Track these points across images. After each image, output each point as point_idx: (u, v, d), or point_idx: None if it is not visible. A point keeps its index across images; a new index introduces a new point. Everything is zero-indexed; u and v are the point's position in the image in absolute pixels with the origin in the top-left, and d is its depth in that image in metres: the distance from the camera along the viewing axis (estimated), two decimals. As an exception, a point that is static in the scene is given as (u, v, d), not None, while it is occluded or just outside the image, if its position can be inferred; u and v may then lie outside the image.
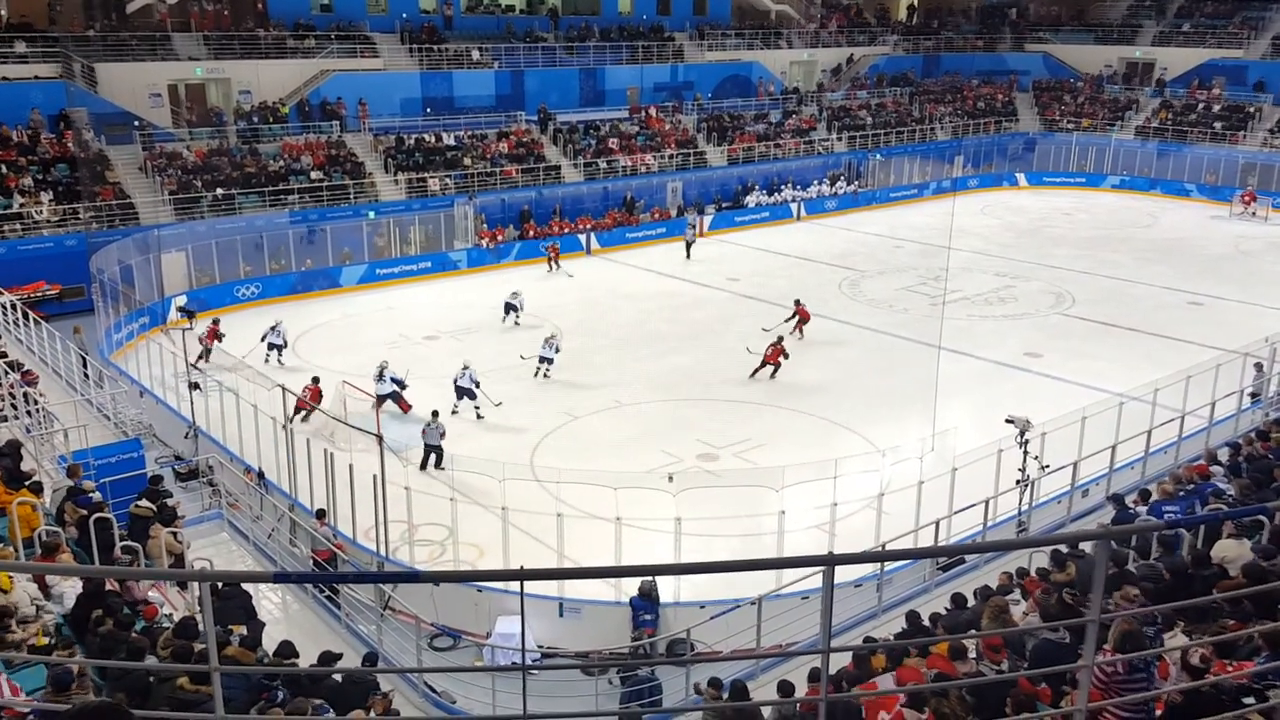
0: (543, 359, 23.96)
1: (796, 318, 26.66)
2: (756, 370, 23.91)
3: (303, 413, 20.23)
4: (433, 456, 19.24)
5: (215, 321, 25.34)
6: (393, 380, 21.65)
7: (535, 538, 15.20)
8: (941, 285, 30.42)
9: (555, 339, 24.13)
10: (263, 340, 25.26)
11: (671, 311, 29.82)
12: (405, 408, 21.58)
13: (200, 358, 23.45)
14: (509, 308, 28.61)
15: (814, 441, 19.94)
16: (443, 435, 19.39)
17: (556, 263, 35.09)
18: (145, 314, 27.07)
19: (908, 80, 55.39)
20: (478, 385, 21.83)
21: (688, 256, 36.69)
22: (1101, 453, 15.88)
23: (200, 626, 10.02)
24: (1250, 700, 4.02)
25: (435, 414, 19.78)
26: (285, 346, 25.38)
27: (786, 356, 23.91)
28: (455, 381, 21.94)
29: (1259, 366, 19.53)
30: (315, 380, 21.40)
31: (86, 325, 24.56)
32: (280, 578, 12.61)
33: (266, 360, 24.73)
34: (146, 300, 27.62)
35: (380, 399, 21.18)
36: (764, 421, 21.42)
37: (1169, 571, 9.97)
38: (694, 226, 38.37)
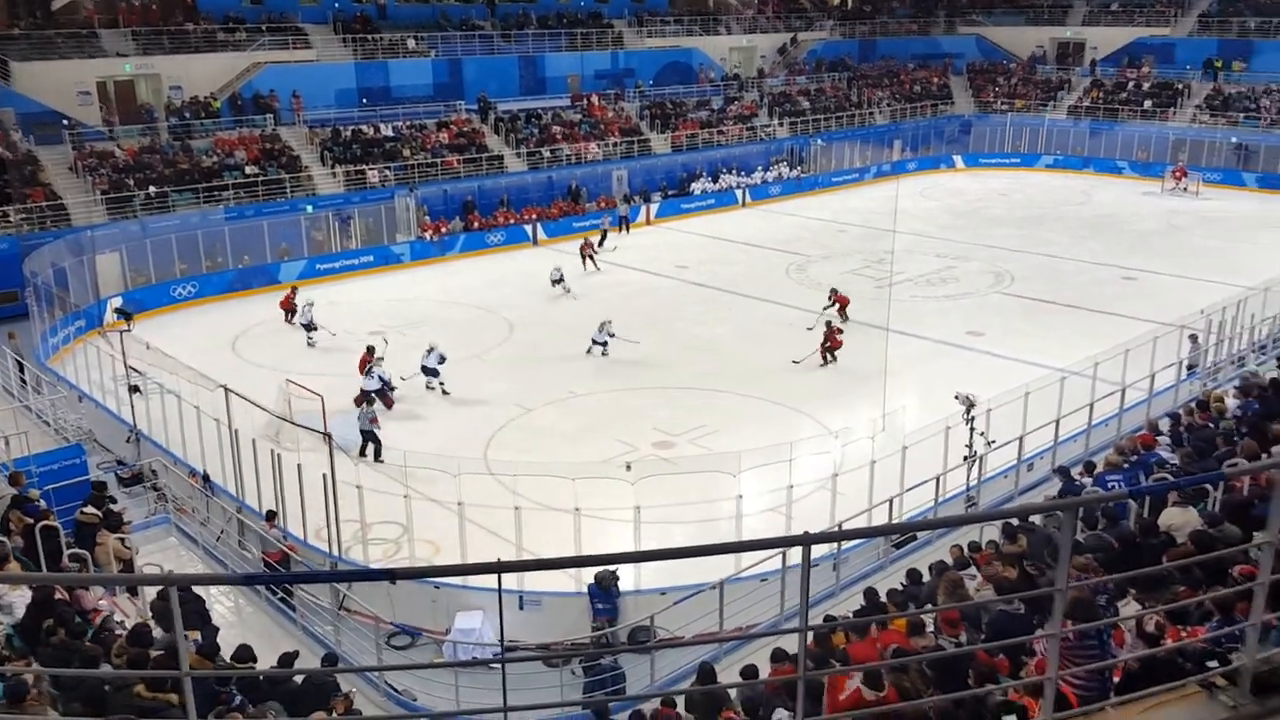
0: (595, 342, 24.51)
1: (835, 305, 26.36)
2: (826, 361, 23.92)
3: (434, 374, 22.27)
4: (370, 446, 19.28)
5: (293, 290, 27.57)
6: (380, 378, 21.40)
7: (492, 532, 15.12)
8: (885, 268, 30.77)
9: (609, 325, 24.51)
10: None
11: (621, 300, 29.78)
12: (389, 404, 21.50)
13: (289, 317, 27.15)
14: (554, 282, 30.11)
15: (767, 426, 20.07)
16: (373, 421, 19.46)
17: (596, 252, 33.39)
18: (81, 317, 26.44)
19: (845, 65, 55.83)
20: (443, 361, 22.39)
21: (601, 243, 35.35)
22: (1045, 427, 16.22)
23: (154, 633, 9.87)
24: (1214, 664, 4.14)
25: (369, 400, 19.98)
26: (315, 328, 26.04)
27: (842, 331, 24.17)
28: (422, 363, 22.36)
29: (1193, 338, 20.03)
30: (369, 350, 22.14)
31: (21, 330, 23.90)
32: (251, 579, 12.42)
33: (310, 344, 26.00)
34: (82, 303, 26.98)
35: (366, 395, 20.93)
36: (717, 408, 21.50)
37: (1117, 541, 10.21)
38: (623, 218, 38.64)
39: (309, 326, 26.12)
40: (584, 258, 32.96)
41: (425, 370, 22.47)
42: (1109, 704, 4.37)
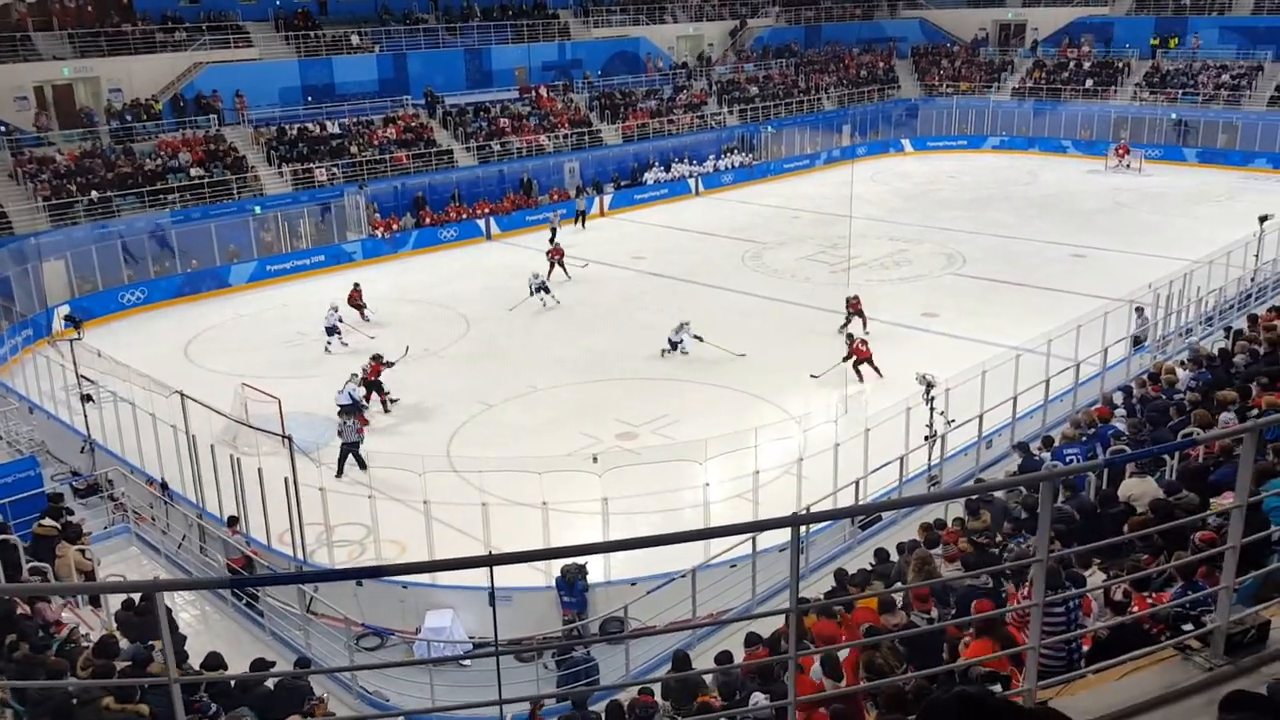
0: (671, 342, 23.58)
1: (853, 315, 24.24)
2: (860, 373, 21.57)
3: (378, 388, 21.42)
4: (350, 457, 18.58)
5: (356, 287, 26.96)
6: (350, 395, 20.66)
7: (459, 529, 15.05)
8: (839, 253, 30.97)
9: (688, 325, 23.56)
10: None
11: (578, 293, 29.73)
12: (363, 423, 20.35)
13: (363, 314, 26.76)
14: (537, 289, 27.98)
15: (729, 413, 20.13)
16: (359, 433, 18.87)
17: (563, 263, 30.88)
18: (28, 326, 25.91)
19: (791, 51, 56.07)
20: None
21: (551, 239, 34.20)
22: (1003, 404, 16.45)
23: (120, 644, 9.71)
24: (1189, 627, 4.25)
25: (347, 412, 19.42)
26: (338, 332, 25.14)
27: (866, 341, 22.07)
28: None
29: (1140, 310, 20.40)
30: (375, 358, 21.46)
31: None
32: (236, 582, 12.27)
33: (327, 350, 24.89)
34: (28, 312, 26.42)
35: (341, 410, 20.54)
36: (679, 397, 21.54)
37: (1078, 512, 10.41)
38: (581, 213, 38.38)
39: (331, 330, 25.13)
40: (553, 264, 30.73)
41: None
42: (1089, 670, 4.46)
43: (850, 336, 22.31)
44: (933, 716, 2.43)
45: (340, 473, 18.32)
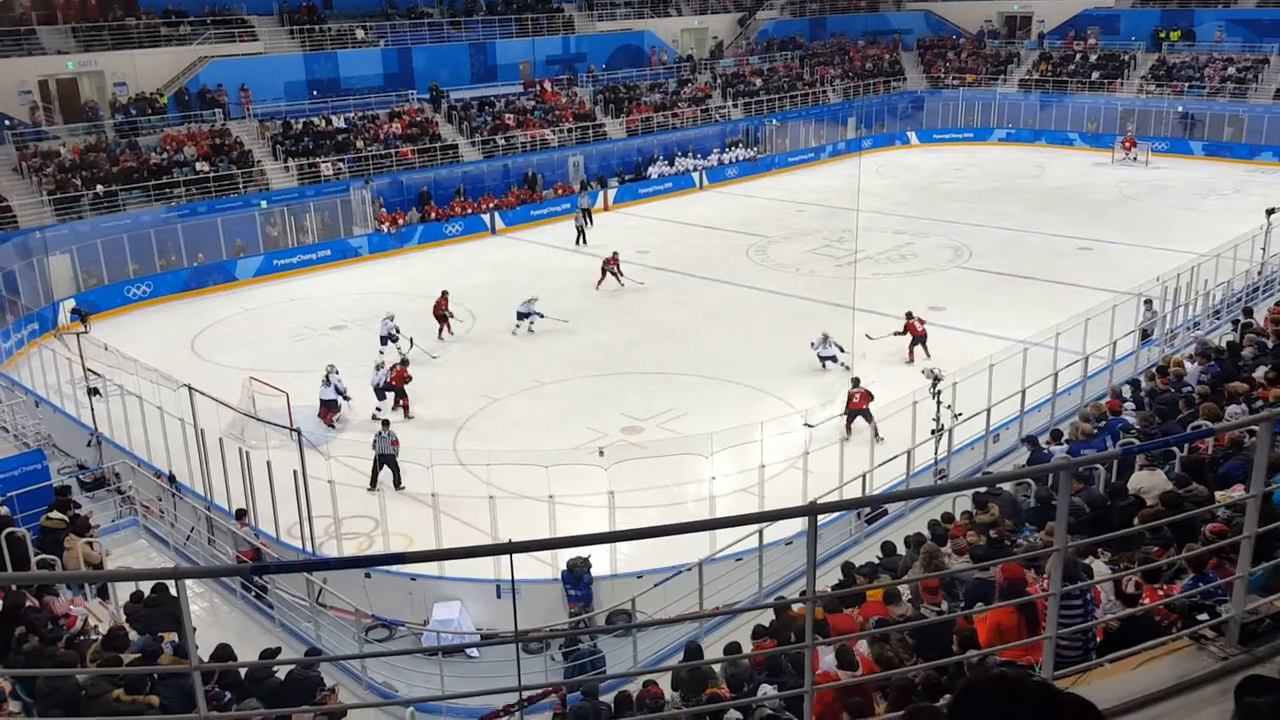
0: (822, 357, 22.28)
1: (908, 335, 22.64)
2: (849, 433, 18.31)
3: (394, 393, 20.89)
4: (386, 469, 17.79)
5: (444, 294, 25.91)
6: (336, 389, 20.45)
7: (466, 522, 15.07)
8: (845, 246, 30.95)
9: (832, 339, 22.20)
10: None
11: (583, 287, 29.69)
12: (329, 422, 20.35)
13: (447, 327, 25.56)
14: (521, 315, 25.74)
15: (734, 408, 20.07)
16: (394, 443, 17.92)
17: (619, 272, 29.41)
18: (34, 320, 25.94)
19: (796, 44, 55.93)
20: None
21: (581, 241, 34.58)
22: (1011, 398, 16.41)
23: (130, 636, 9.74)
24: (1204, 617, 4.24)
25: (385, 423, 18.52)
26: (395, 340, 23.80)
27: (871, 396, 18.62)
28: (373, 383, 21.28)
29: (1148, 303, 20.34)
30: (404, 363, 21.29)
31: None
32: (256, 569, 12.30)
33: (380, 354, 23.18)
34: (34, 306, 26.46)
35: (323, 405, 20.43)
36: (685, 392, 21.51)
37: (1088, 504, 10.40)
38: (585, 210, 37.26)
39: (389, 338, 23.82)
40: (606, 273, 29.31)
41: (379, 390, 21.20)
42: (1106, 660, 4.46)
43: (856, 381, 18.88)
44: (969, 696, 2.42)
45: (373, 485, 17.56)
